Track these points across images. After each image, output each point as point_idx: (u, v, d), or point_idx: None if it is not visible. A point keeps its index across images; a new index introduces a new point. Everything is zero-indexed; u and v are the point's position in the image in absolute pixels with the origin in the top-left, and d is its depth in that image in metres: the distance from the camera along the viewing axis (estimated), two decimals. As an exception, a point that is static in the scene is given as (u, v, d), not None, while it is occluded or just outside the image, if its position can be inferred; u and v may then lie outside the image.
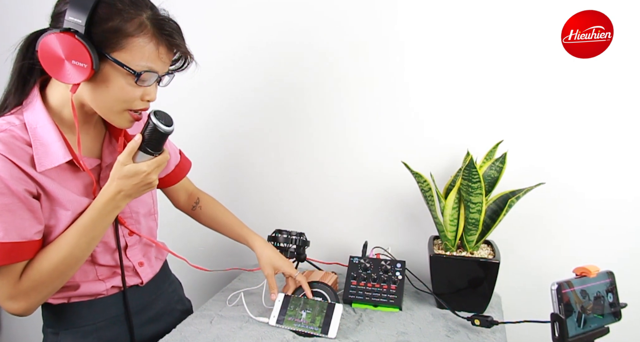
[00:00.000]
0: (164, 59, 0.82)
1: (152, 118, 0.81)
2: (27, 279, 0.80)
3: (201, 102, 1.44)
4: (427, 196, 1.13)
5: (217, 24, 1.38)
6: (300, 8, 1.30)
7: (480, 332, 1.00)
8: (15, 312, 0.81)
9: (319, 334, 0.99)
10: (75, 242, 0.82)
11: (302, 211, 1.43)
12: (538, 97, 1.16)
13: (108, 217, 0.84)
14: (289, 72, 1.36)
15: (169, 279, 1.14)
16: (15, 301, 0.80)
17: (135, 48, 0.78)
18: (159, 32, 0.79)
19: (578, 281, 0.77)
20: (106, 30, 0.76)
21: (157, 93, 0.87)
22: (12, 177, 0.76)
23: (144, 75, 0.80)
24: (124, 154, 0.82)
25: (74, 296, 0.92)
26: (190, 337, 0.99)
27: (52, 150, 0.81)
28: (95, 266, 0.92)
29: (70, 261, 0.82)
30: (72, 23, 0.74)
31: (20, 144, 0.78)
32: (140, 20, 0.78)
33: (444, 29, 1.20)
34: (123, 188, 0.83)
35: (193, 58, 0.89)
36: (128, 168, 0.82)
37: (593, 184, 1.16)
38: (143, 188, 0.85)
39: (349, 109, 1.32)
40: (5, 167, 0.75)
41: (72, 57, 0.74)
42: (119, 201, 0.84)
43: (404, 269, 1.16)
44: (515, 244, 1.23)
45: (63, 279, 0.84)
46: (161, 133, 0.82)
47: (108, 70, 0.78)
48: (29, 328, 1.90)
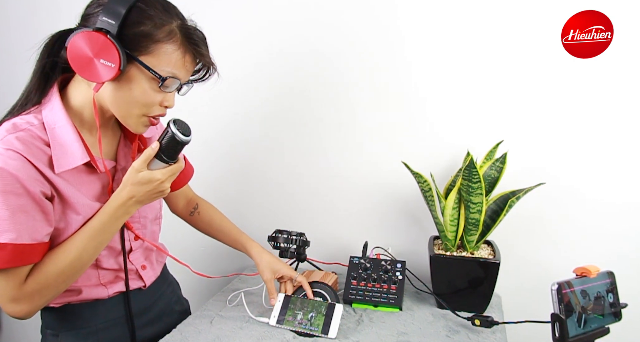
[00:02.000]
0: (187, 68, 0.84)
1: (171, 126, 0.81)
2: (33, 282, 0.79)
3: (202, 105, 1.44)
4: (427, 196, 1.13)
5: (228, 34, 1.38)
6: (305, 14, 1.30)
7: (480, 333, 1.00)
8: (16, 315, 0.80)
9: (319, 334, 0.99)
10: (84, 246, 0.82)
11: (302, 211, 1.43)
12: (538, 97, 1.16)
13: (117, 222, 0.85)
14: (288, 74, 1.36)
15: (167, 280, 1.14)
16: (18, 304, 0.79)
17: (162, 54, 0.79)
18: (187, 41, 0.81)
19: (578, 281, 0.77)
20: (137, 34, 0.77)
21: (174, 100, 0.87)
22: (29, 177, 0.75)
23: (168, 81, 0.81)
24: (139, 160, 0.82)
25: (75, 300, 0.91)
26: (191, 337, 0.99)
27: (71, 151, 0.81)
28: (99, 269, 0.92)
29: (77, 265, 0.82)
30: (105, 23, 0.76)
31: (39, 144, 0.78)
32: (171, 28, 0.80)
33: (444, 29, 1.20)
34: (135, 194, 0.83)
35: (216, 69, 0.90)
36: (142, 175, 0.82)
37: (593, 184, 1.16)
38: (155, 195, 0.86)
39: (349, 110, 1.32)
40: (23, 167, 0.75)
41: (100, 56, 0.75)
42: (129, 207, 0.84)
43: (404, 269, 1.16)
44: (515, 244, 1.23)
45: (68, 282, 0.83)
46: (178, 142, 0.82)
47: (133, 72, 0.79)
48: (28, 328, 1.90)
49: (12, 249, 0.75)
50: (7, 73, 1.46)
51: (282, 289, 1.13)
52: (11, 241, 0.74)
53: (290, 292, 1.11)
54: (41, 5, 1.45)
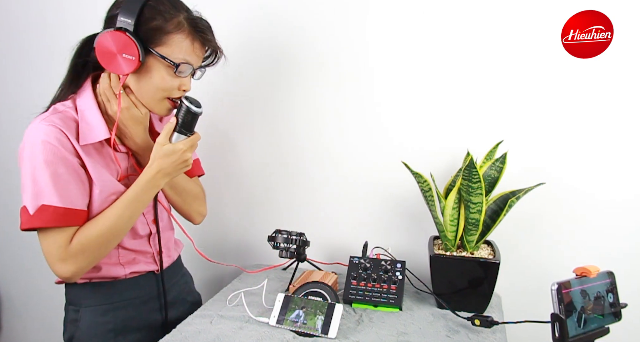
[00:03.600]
0: (197, 54, 0.97)
1: (184, 101, 0.96)
2: (77, 243, 0.90)
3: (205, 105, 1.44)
4: (427, 196, 1.13)
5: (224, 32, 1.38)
6: (296, 8, 1.30)
7: (480, 333, 1.00)
8: (64, 274, 0.92)
9: (319, 334, 0.99)
10: (120, 213, 0.94)
11: (302, 211, 1.43)
12: (538, 97, 1.16)
13: (148, 194, 0.97)
14: (290, 73, 1.36)
15: (181, 271, 1.23)
16: (65, 263, 0.90)
17: (174, 43, 0.92)
18: (194, 30, 0.94)
19: (578, 281, 0.77)
20: (150, 29, 0.91)
21: (191, 84, 1.00)
22: (68, 149, 0.90)
23: (181, 67, 0.94)
24: (161, 135, 0.95)
25: (96, 278, 1.02)
26: (190, 337, 0.99)
27: (95, 129, 0.94)
28: (119, 249, 1.03)
29: (115, 230, 0.94)
30: (123, 23, 0.89)
31: (72, 123, 0.93)
32: (179, 20, 0.92)
33: (444, 28, 1.20)
34: (163, 167, 0.95)
35: (222, 52, 1.03)
36: (166, 147, 0.95)
37: (593, 184, 1.16)
38: (180, 166, 0.98)
39: (350, 110, 1.32)
40: (62, 140, 0.90)
41: (122, 51, 0.89)
42: (158, 180, 0.96)
43: (404, 269, 1.16)
44: (515, 244, 1.23)
45: (107, 246, 0.95)
46: (193, 114, 0.96)
47: (152, 62, 0.93)
48: (28, 328, 1.90)
49: (53, 211, 0.88)
50: (48, 71, 1.57)
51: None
52: (53, 204, 0.88)
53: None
54: (69, 11, 1.56)
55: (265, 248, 1.37)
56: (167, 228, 1.15)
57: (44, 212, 0.88)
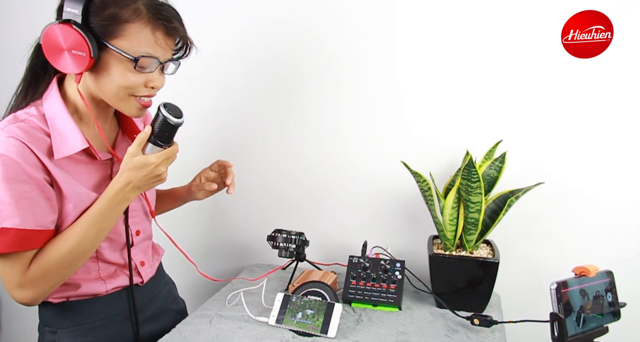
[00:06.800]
0: (162, 45, 0.83)
1: (161, 110, 0.82)
2: (36, 268, 0.80)
3: (200, 100, 1.44)
4: (427, 195, 1.13)
5: (214, 23, 1.38)
6: (301, 7, 1.30)
7: (479, 332, 1.00)
8: (22, 301, 0.82)
9: (318, 333, 0.99)
10: (84, 232, 0.83)
11: (301, 210, 1.43)
12: (538, 97, 1.16)
13: (117, 209, 0.85)
14: (288, 72, 1.35)
15: (164, 279, 1.15)
16: (23, 290, 0.81)
17: (131, 34, 0.79)
18: (154, 18, 0.80)
19: (577, 280, 0.77)
20: (103, 19, 0.77)
21: (163, 81, 0.87)
22: (31, 164, 0.78)
23: (141, 61, 0.81)
24: (133, 145, 0.82)
25: (74, 296, 0.92)
26: (190, 337, 0.99)
27: (71, 139, 0.83)
28: (99, 262, 0.92)
29: (79, 251, 0.83)
30: (70, 14, 0.77)
31: (39, 134, 0.81)
32: (136, 7, 0.79)
33: (443, 28, 1.20)
34: (132, 180, 0.83)
35: (192, 43, 0.89)
36: (137, 159, 0.82)
37: (593, 184, 1.16)
38: (152, 180, 0.85)
39: (349, 109, 1.32)
40: (25, 154, 0.77)
41: (71, 47, 0.76)
42: (127, 193, 0.84)
43: (404, 269, 1.16)
44: (514, 244, 1.23)
45: (70, 269, 0.84)
46: (171, 125, 0.82)
47: (108, 58, 0.80)
48: (28, 328, 1.89)
49: (15, 234, 0.76)
50: (10, 73, 1.48)
51: (221, 180, 1.11)
52: (15, 226, 0.76)
53: (230, 182, 1.07)
54: (42, 5, 1.47)
55: (264, 248, 1.37)
56: (146, 237, 1.04)
57: (4, 236, 0.76)
